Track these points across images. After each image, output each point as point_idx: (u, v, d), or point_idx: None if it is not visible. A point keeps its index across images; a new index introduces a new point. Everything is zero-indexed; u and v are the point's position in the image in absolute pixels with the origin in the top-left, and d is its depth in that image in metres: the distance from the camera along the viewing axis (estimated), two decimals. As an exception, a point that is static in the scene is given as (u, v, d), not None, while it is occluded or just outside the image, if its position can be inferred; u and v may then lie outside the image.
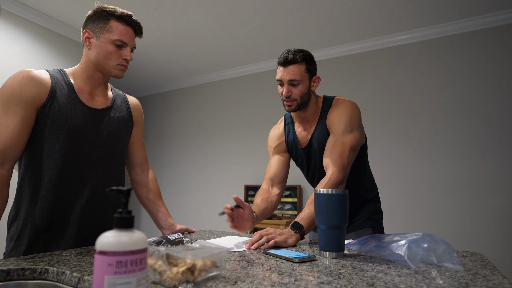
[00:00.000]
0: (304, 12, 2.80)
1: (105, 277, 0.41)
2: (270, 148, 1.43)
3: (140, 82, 4.58)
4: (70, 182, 1.00)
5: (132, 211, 0.46)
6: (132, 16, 1.05)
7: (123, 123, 1.14)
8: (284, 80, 1.20)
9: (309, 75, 1.22)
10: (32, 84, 0.94)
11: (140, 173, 1.26)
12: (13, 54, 2.74)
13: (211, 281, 0.60)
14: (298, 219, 1.04)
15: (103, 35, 1.01)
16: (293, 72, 1.19)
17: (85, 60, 1.05)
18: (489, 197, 2.65)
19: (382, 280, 0.62)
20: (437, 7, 2.67)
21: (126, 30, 1.03)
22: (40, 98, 0.95)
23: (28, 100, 0.93)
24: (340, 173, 1.10)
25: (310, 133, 1.31)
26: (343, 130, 1.17)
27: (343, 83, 3.38)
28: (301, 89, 1.21)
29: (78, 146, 1.01)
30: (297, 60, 1.19)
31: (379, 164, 3.05)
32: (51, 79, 0.99)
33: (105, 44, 1.01)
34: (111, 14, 1.02)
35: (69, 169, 1.00)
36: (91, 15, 1.03)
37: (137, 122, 1.23)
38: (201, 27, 3.09)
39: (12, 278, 0.71)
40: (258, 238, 0.96)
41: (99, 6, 1.04)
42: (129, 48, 1.05)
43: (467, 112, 2.82)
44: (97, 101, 1.08)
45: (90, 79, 1.06)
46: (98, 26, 1.02)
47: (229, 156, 3.99)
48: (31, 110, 0.94)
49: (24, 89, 0.93)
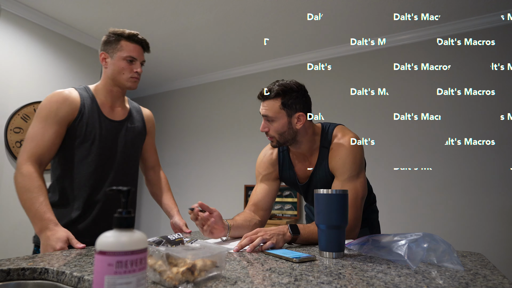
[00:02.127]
0: (304, 12, 2.80)
1: (105, 277, 0.41)
2: (258, 174, 1.33)
3: (140, 82, 4.58)
4: (96, 184, 1.20)
5: (132, 211, 0.46)
6: (138, 35, 1.24)
7: (138, 133, 1.34)
8: (261, 114, 1.15)
9: (286, 112, 1.12)
10: (66, 105, 1.15)
11: (152, 174, 1.46)
12: (13, 54, 2.74)
13: (211, 281, 0.60)
14: (300, 226, 1.02)
15: (116, 54, 1.21)
16: (266, 107, 1.13)
17: (104, 77, 1.25)
18: (489, 197, 2.65)
19: (382, 280, 0.62)
20: (438, 6, 2.67)
21: (135, 47, 1.23)
22: (72, 115, 1.16)
23: (62, 117, 1.14)
24: (355, 221, 1.09)
25: (310, 170, 1.24)
26: (350, 175, 1.12)
27: (343, 83, 3.38)
28: (276, 126, 1.13)
29: (102, 153, 1.21)
30: (270, 95, 1.11)
31: (379, 164, 3.05)
32: (80, 98, 1.19)
33: (118, 61, 1.21)
34: (120, 35, 1.21)
35: (95, 173, 1.19)
36: (105, 40, 1.23)
37: (150, 131, 1.43)
38: (201, 27, 3.09)
39: (12, 278, 0.71)
40: (248, 242, 0.91)
41: (110, 31, 1.23)
42: (138, 63, 1.24)
43: (467, 111, 2.82)
44: (116, 113, 1.28)
45: (110, 93, 1.26)
46: (111, 47, 1.21)
47: (229, 156, 3.99)
48: (63, 125, 1.14)
49: (60, 108, 1.13)
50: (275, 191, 1.31)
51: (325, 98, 3.42)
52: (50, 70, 2.98)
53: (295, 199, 3.45)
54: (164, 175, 1.50)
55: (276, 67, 3.79)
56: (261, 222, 1.25)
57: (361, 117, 3.24)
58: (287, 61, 3.70)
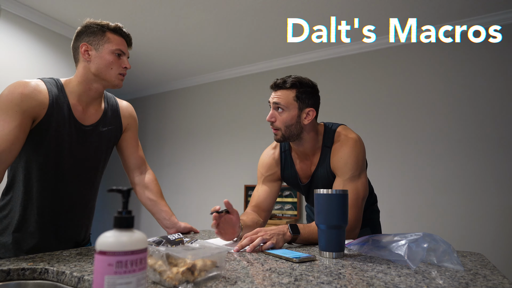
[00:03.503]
0: (304, 12, 2.80)
1: (105, 277, 0.41)
2: (260, 175, 1.33)
3: (140, 82, 4.58)
4: (55, 193, 1.05)
5: (132, 211, 0.46)
6: (123, 28, 1.10)
7: (111, 136, 1.18)
8: (271, 102, 1.15)
9: (298, 104, 1.13)
10: (32, 98, 0.96)
11: (139, 174, 1.28)
12: (13, 54, 2.74)
13: (211, 281, 0.60)
14: (300, 226, 1.01)
15: (102, 46, 1.04)
16: (279, 96, 1.13)
17: (83, 73, 1.06)
18: (489, 197, 2.65)
19: (382, 280, 0.62)
20: (441, 6, 2.67)
21: (122, 41, 1.08)
22: (39, 112, 0.98)
23: (27, 110, 0.95)
24: (355, 222, 1.08)
25: (311, 170, 1.23)
26: (351, 175, 1.12)
27: (344, 83, 3.38)
28: (285, 117, 1.13)
29: (67, 160, 1.05)
30: (285, 85, 1.13)
31: (379, 164, 3.05)
32: (49, 95, 1.00)
33: (106, 55, 1.04)
34: (105, 27, 1.06)
35: (56, 180, 1.04)
36: (83, 30, 1.06)
37: (129, 127, 1.24)
38: (201, 27, 3.09)
39: (12, 278, 0.71)
40: (248, 242, 0.91)
41: (89, 21, 1.06)
42: (126, 58, 1.09)
43: (467, 111, 2.82)
44: (88, 116, 1.10)
45: (87, 92, 1.07)
46: (95, 39, 1.04)
47: (229, 156, 3.99)
48: (28, 119, 0.96)
49: (24, 99, 0.95)
50: (277, 192, 1.31)
51: (325, 98, 3.42)
52: (50, 70, 2.98)
53: (295, 199, 3.45)
54: (154, 176, 1.31)
55: (276, 67, 3.79)
56: (262, 223, 1.26)
57: (361, 117, 3.24)
58: (287, 61, 3.70)
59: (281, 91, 1.13)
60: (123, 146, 1.24)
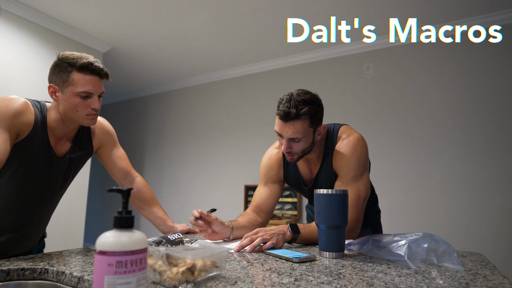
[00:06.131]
0: (304, 12, 2.80)
1: (105, 277, 0.41)
2: (262, 176, 1.31)
3: (140, 82, 4.58)
4: (18, 215, 1.04)
5: (132, 211, 0.46)
6: (94, 63, 1.00)
7: (81, 160, 1.16)
8: (284, 136, 1.07)
9: (313, 129, 1.09)
10: (22, 115, 0.96)
11: (127, 185, 1.26)
12: (13, 54, 2.74)
13: (211, 281, 0.60)
14: (300, 226, 1.01)
15: (67, 88, 0.99)
16: (294, 129, 1.04)
17: (55, 112, 1.04)
18: (489, 197, 2.65)
19: (382, 280, 0.62)
20: (441, 6, 2.67)
21: (90, 79, 1.00)
22: (24, 131, 0.97)
23: (16, 125, 0.94)
24: (356, 222, 1.08)
25: (314, 172, 1.23)
26: (353, 176, 1.11)
27: (344, 83, 3.38)
28: (303, 144, 1.09)
29: (33, 185, 1.04)
30: (300, 116, 1.03)
31: (379, 164, 3.05)
32: (35, 118, 1.00)
33: (70, 98, 0.99)
34: (72, 65, 0.98)
35: (20, 204, 1.03)
36: (53, 67, 1.02)
37: (102, 144, 1.21)
38: (201, 27, 3.09)
39: (12, 278, 0.71)
40: (248, 242, 0.91)
41: (60, 57, 1.01)
42: (96, 97, 1.03)
43: (467, 111, 2.82)
44: (61, 145, 1.08)
45: (60, 128, 1.06)
46: (61, 80, 0.99)
47: (229, 156, 3.99)
48: (14, 135, 0.95)
49: (17, 115, 0.94)
50: (278, 194, 1.30)
51: (325, 98, 3.41)
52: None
53: (295, 199, 3.45)
54: (145, 182, 1.29)
55: (276, 67, 3.79)
56: (263, 224, 1.25)
57: (361, 117, 3.24)
58: (287, 61, 3.70)
59: (295, 123, 1.04)
60: (103, 161, 1.24)
